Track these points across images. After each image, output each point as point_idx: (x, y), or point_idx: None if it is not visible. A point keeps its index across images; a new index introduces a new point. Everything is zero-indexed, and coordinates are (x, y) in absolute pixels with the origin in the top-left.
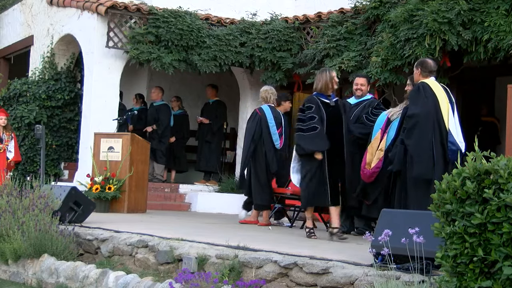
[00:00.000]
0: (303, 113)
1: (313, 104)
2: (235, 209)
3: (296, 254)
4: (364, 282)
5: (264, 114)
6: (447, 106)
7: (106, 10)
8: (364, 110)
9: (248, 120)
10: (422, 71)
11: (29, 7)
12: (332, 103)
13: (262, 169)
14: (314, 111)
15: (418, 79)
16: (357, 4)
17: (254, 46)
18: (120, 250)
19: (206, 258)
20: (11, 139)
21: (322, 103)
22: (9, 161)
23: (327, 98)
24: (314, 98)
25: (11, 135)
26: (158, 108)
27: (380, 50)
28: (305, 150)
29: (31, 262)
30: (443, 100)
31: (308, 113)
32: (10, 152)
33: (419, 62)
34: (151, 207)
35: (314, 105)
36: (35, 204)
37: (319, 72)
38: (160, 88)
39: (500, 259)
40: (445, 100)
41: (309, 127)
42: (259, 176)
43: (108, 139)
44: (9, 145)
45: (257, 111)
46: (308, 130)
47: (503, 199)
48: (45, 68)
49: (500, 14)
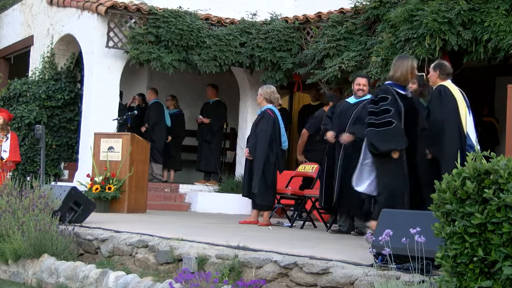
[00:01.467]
0: (376, 104)
1: (389, 95)
2: (235, 209)
3: (296, 254)
4: (364, 282)
5: (276, 116)
6: (464, 109)
7: (106, 10)
8: (363, 110)
9: (260, 121)
10: (441, 73)
11: (29, 7)
12: (409, 94)
13: (271, 171)
14: (390, 103)
15: (435, 82)
16: (357, 4)
17: (254, 46)
18: (120, 250)
19: (206, 258)
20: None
21: (398, 94)
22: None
23: (403, 89)
24: (390, 88)
25: (6, 135)
26: (149, 107)
27: (380, 50)
28: (379, 149)
29: (31, 262)
30: (461, 102)
31: (383, 105)
32: (5, 151)
33: (437, 65)
34: (151, 207)
35: (390, 96)
36: (35, 204)
37: (397, 59)
38: (154, 89)
39: (500, 259)
40: (462, 102)
41: (383, 121)
42: (266, 176)
43: (108, 139)
44: (3, 145)
45: (269, 112)
46: (382, 125)
47: (503, 199)
48: (45, 68)
49: (500, 14)
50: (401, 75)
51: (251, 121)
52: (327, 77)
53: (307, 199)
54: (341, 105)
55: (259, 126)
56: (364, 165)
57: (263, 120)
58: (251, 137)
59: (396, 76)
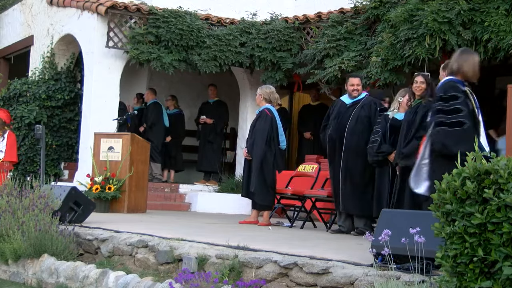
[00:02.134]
0: (446, 102)
1: (459, 93)
2: (235, 209)
3: (296, 254)
4: (364, 282)
5: (273, 115)
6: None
7: (106, 10)
8: (362, 109)
9: (257, 121)
10: None
11: (29, 7)
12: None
13: (269, 170)
14: (462, 102)
15: None
16: (357, 4)
17: (254, 46)
18: (120, 250)
19: (206, 258)
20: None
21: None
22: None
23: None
24: (459, 85)
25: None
26: (148, 107)
27: (380, 50)
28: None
29: (31, 262)
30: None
31: (453, 104)
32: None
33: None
34: (151, 207)
35: (461, 95)
36: (35, 204)
37: (462, 52)
38: (152, 89)
39: (500, 259)
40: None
41: (453, 121)
42: (265, 176)
43: (108, 139)
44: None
45: (266, 111)
46: (453, 125)
47: (503, 199)
48: (45, 68)
49: (500, 14)
50: (469, 71)
51: (251, 121)
52: (327, 77)
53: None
54: (338, 105)
55: (256, 126)
56: (422, 165)
57: (261, 119)
58: (249, 137)
59: (468, 73)
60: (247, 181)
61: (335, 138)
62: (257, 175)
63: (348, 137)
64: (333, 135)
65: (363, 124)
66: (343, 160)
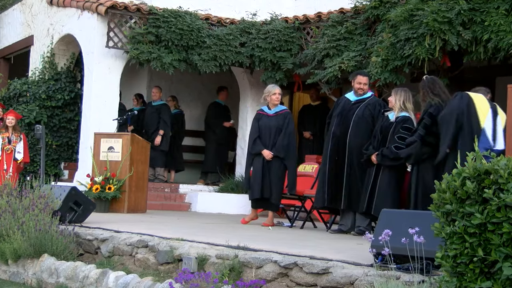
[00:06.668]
0: None
1: None
2: (235, 209)
3: (296, 254)
4: (364, 282)
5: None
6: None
7: (106, 10)
8: (367, 108)
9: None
10: None
11: (29, 7)
12: None
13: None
14: None
15: None
16: (357, 4)
17: (254, 46)
18: (120, 250)
19: (206, 258)
20: (19, 140)
21: None
22: (18, 162)
23: None
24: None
25: (20, 136)
26: (158, 108)
27: (380, 50)
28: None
29: (31, 262)
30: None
31: None
32: (19, 153)
33: None
34: (151, 207)
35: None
36: (35, 204)
37: None
38: (159, 87)
39: (500, 259)
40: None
41: None
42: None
43: (108, 139)
44: (17, 146)
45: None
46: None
47: (503, 199)
48: (45, 68)
49: (500, 14)
50: None
51: (251, 121)
52: (327, 77)
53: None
54: (342, 102)
55: (289, 127)
56: None
57: (291, 122)
58: (271, 136)
59: None
60: (261, 182)
61: (339, 135)
62: (280, 176)
63: (351, 134)
64: (337, 132)
65: (366, 122)
66: (347, 158)
